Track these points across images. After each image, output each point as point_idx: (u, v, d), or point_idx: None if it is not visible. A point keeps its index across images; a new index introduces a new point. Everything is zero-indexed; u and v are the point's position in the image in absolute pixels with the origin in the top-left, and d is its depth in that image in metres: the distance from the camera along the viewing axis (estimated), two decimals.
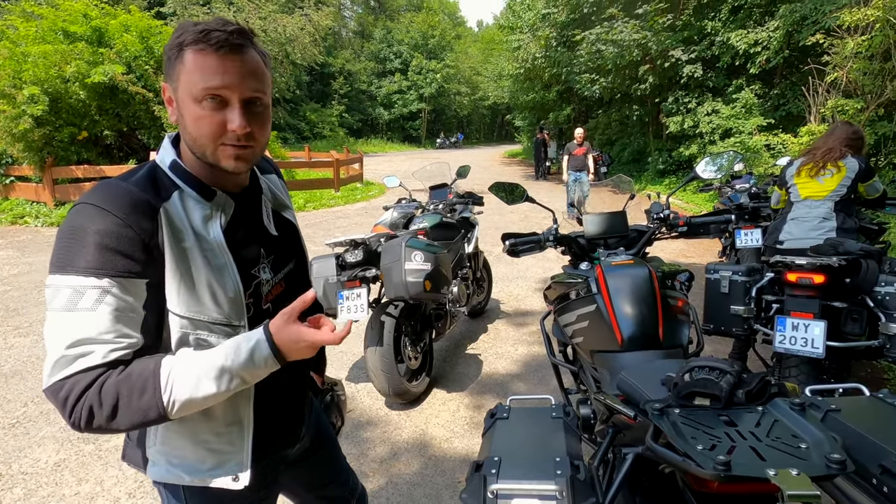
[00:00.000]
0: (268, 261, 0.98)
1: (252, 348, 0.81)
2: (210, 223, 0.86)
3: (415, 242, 2.66)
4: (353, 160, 13.59)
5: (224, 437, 0.91)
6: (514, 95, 21.22)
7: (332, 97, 33.56)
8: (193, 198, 0.86)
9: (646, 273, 1.69)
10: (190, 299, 0.82)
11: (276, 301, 0.99)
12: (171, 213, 0.82)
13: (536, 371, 3.29)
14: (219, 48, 0.79)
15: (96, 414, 0.74)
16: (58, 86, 8.45)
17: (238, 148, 0.83)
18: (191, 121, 0.81)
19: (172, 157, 0.88)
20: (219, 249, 0.86)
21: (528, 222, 8.35)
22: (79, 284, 0.74)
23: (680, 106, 11.59)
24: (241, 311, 0.88)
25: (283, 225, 1.05)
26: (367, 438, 2.57)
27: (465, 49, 42.11)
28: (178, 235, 0.82)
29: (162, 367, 0.77)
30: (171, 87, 0.84)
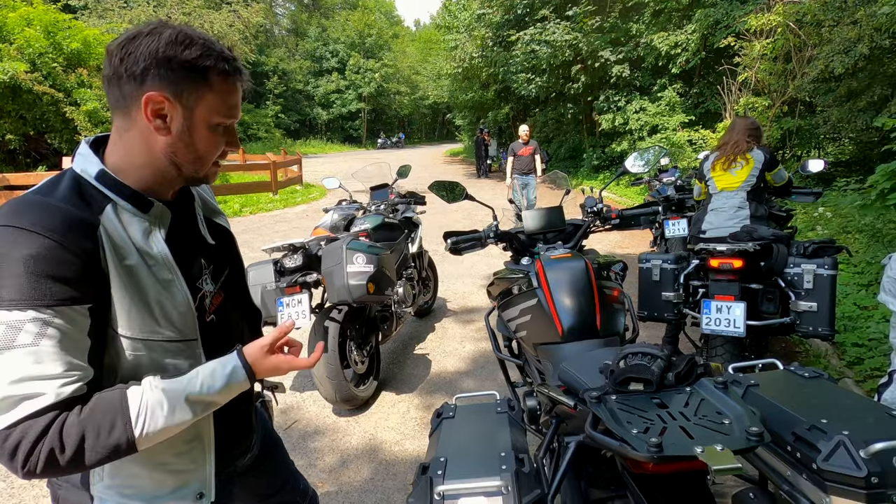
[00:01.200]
0: (209, 271, 0.93)
1: (228, 375, 0.81)
2: (151, 237, 0.81)
3: (356, 244, 2.61)
4: (290, 162, 13.17)
5: (185, 456, 0.86)
6: (453, 95, 21.40)
7: (267, 97, 32.32)
8: (129, 211, 0.79)
9: (582, 265, 1.74)
10: (142, 320, 0.77)
11: (219, 311, 0.95)
12: (110, 230, 0.75)
13: (484, 367, 3.33)
14: (236, 75, 0.82)
15: (58, 458, 0.67)
16: None
17: (218, 164, 0.88)
18: (203, 145, 0.82)
19: (99, 167, 0.79)
20: (165, 264, 0.82)
21: (472, 220, 8.45)
22: (13, 319, 0.66)
23: (611, 104, 12.16)
24: (193, 326, 0.85)
25: (216, 232, 1.01)
26: (314, 448, 2.49)
27: (403, 48, 41.95)
28: (120, 253, 0.76)
29: (130, 400, 0.73)
30: (176, 102, 0.78)
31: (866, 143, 7.89)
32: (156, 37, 0.76)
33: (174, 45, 0.76)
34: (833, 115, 7.44)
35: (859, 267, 4.45)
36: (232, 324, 0.99)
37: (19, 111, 8.33)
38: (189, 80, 0.77)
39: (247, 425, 1.04)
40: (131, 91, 0.77)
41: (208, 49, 0.78)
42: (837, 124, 7.53)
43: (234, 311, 1.01)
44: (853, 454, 0.73)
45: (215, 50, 0.79)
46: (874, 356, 3.07)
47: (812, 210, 6.15)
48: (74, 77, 8.76)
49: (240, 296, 1.07)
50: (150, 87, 0.76)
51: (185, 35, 0.77)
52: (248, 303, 1.11)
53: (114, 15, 19.64)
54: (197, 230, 0.95)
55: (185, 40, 0.77)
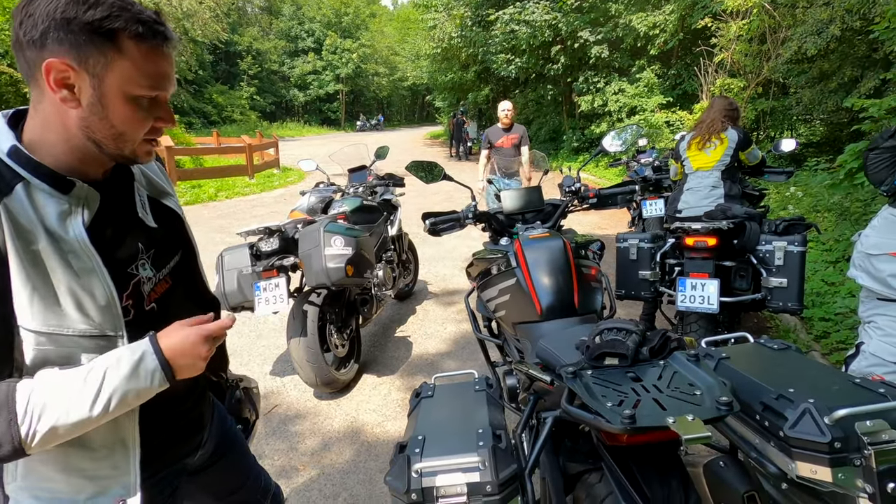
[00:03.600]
0: (147, 256, 0.86)
1: (136, 361, 0.72)
2: (69, 220, 0.73)
3: (334, 227, 2.57)
4: (267, 145, 12.87)
5: (105, 461, 0.79)
6: (432, 76, 21.11)
7: (241, 78, 31.45)
8: (44, 191, 0.72)
9: (560, 244, 1.75)
10: (47, 311, 0.70)
11: (162, 299, 0.89)
12: (15, 211, 0.68)
13: (464, 347, 3.35)
14: (158, 39, 0.72)
15: None
16: None
17: (154, 141, 0.80)
18: (121, 120, 0.73)
19: (11, 143, 0.72)
20: (82, 250, 0.73)
21: (452, 202, 8.42)
22: None
23: (590, 85, 12.17)
24: (115, 320, 0.77)
25: (164, 214, 0.94)
26: (296, 432, 2.48)
27: (381, 28, 41.05)
28: (25, 237, 0.69)
29: (18, 393, 0.66)
30: (82, 70, 0.69)
31: (836, 123, 8.08)
32: None
33: (76, 4, 0.67)
34: (805, 95, 7.59)
35: (828, 245, 4.60)
36: (179, 313, 0.88)
37: None
38: (94, 45, 0.68)
39: (197, 422, 0.99)
40: (33, 58, 0.69)
41: (118, 9, 0.69)
42: (809, 105, 7.68)
43: (183, 299, 0.96)
44: (818, 421, 0.75)
45: (128, 11, 0.69)
46: (840, 330, 3.19)
47: (784, 189, 6.30)
48: None
49: (192, 283, 1.01)
50: (49, 52, 0.68)
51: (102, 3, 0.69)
52: (203, 291, 1.04)
53: None
54: (135, 212, 0.87)
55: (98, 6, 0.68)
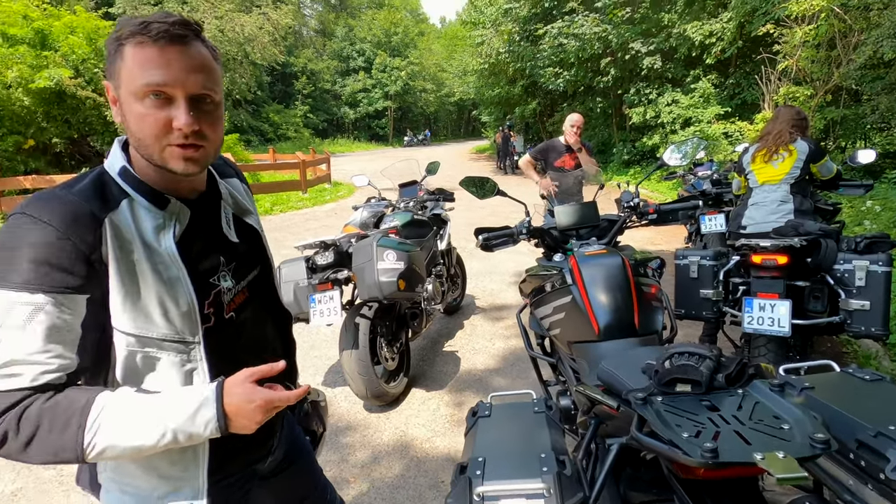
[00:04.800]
0: (228, 269, 0.93)
1: (198, 406, 0.75)
2: (162, 233, 0.81)
3: (386, 241, 2.61)
4: (319, 161, 13.35)
5: (177, 464, 0.84)
6: (479, 91, 21.29)
7: (296, 97, 32.88)
8: (144, 206, 0.80)
9: (619, 262, 1.69)
10: (137, 315, 0.76)
11: (240, 309, 0.94)
12: (118, 224, 0.76)
13: (514, 364, 3.29)
14: (158, 39, 0.73)
15: (9, 440, 0.68)
16: None
17: (187, 148, 0.77)
18: (133, 120, 0.75)
19: (122, 163, 0.81)
20: (171, 261, 0.80)
21: (498, 217, 8.38)
22: (8, 300, 0.68)
23: (641, 97, 11.86)
24: (194, 326, 0.82)
25: (245, 231, 1.01)
26: (346, 444, 2.51)
27: (429, 46, 41.95)
28: (125, 248, 0.76)
29: (94, 404, 0.71)
30: (113, 86, 0.78)
31: None
32: None
33: (112, 33, 0.78)
34: (882, 103, 7.05)
35: None
36: (254, 323, 0.98)
37: (64, 115, 8.72)
38: (111, 59, 0.77)
39: (267, 428, 0.99)
40: None
41: (129, 20, 0.75)
42: (886, 113, 7.13)
43: (259, 310, 1.00)
44: None
45: (137, 21, 0.75)
46: None
47: (860, 204, 5.85)
48: None
49: (267, 296, 1.06)
50: (105, 77, 0.80)
51: (121, 20, 0.78)
52: (277, 304, 1.10)
53: None
54: (220, 228, 0.93)
55: (118, 24, 0.78)
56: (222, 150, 0.89)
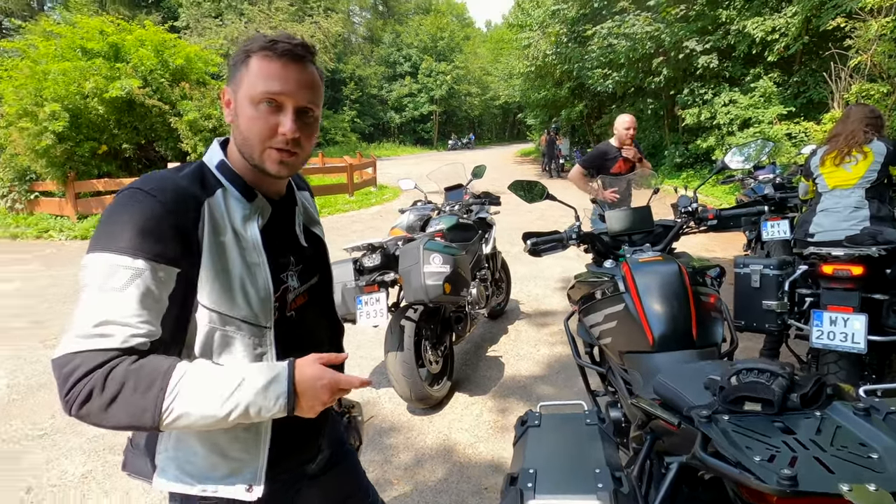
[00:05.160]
0: (296, 269, 0.99)
1: (270, 379, 0.78)
2: (248, 223, 0.88)
3: (433, 245, 2.62)
4: (366, 164, 13.63)
5: (240, 443, 0.87)
6: (525, 94, 21.10)
7: (344, 103, 33.74)
8: (235, 197, 0.88)
9: (675, 269, 1.62)
10: (222, 294, 0.82)
11: (299, 311, 0.99)
12: (214, 208, 0.83)
13: (560, 372, 3.22)
14: (282, 56, 0.83)
15: (94, 398, 0.70)
16: (77, 102, 8.63)
17: (284, 153, 0.86)
18: (245, 120, 0.84)
19: (220, 157, 0.91)
20: (254, 248, 0.87)
21: (546, 221, 8.26)
22: (112, 262, 0.73)
23: (696, 97, 11.36)
24: (268, 312, 0.88)
25: (311, 239, 1.07)
26: (390, 445, 2.53)
27: (475, 49, 42.00)
28: (217, 230, 0.83)
29: (175, 369, 0.74)
30: (231, 90, 0.88)
31: None
32: None
33: (241, 47, 0.87)
34: None
35: None
36: (311, 327, 1.02)
37: (133, 122, 9.33)
38: (236, 67, 0.86)
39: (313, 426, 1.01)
40: None
41: (260, 37, 0.85)
42: None
43: (316, 316, 1.05)
44: None
45: (267, 37, 0.85)
46: None
47: None
48: (178, 90, 9.66)
49: (324, 305, 1.11)
50: (226, 82, 0.91)
51: (256, 38, 0.86)
52: (332, 314, 1.15)
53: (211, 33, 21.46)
54: (293, 230, 1.00)
55: (249, 40, 0.86)
56: None
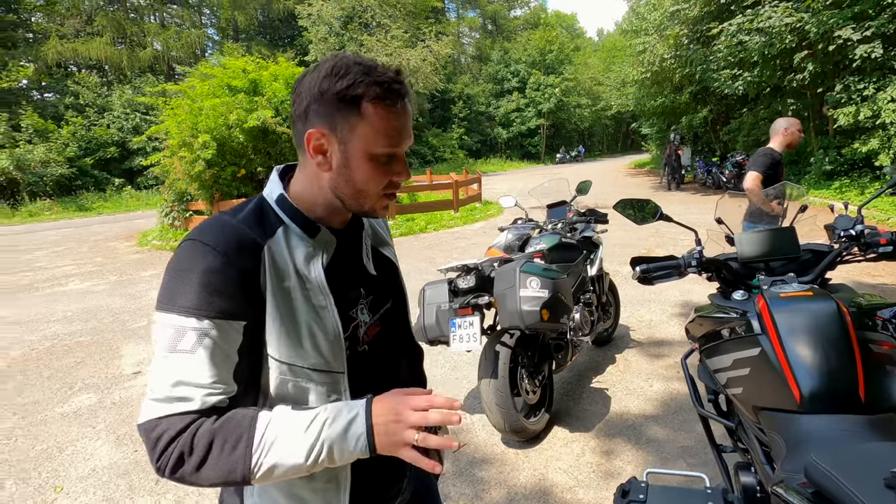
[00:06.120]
0: (366, 301, 0.92)
1: (350, 420, 0.73)
2: (312, 262, 0.82)
3: (530, 267, 2.46)
4: (471, 181, 13.77)
5: (319, 495, 0.84)
6: (639, 102, 19.86)
7: (452, 121, 34.75)
8: (297, 234, 0.82)
9: (833, 308, 1.29)
10: (290, 344, 0.78)
11: (373, 342, 0.92)
12: (275, 252, 0.78)
13: (677, 413, 2.83)
14: (395, 101, 0.76)
15: (185, 461, 0.70)
16: (223, 132, 9.90)
17: (394, 196, 0.84)
18: (362, 178, 0.79)
19: (280, 192, 0.84)
20: (320, 290, 0.81)
21: (662, 238, 7.57)
22: (179, 324, 0.72)
23: (852, 94, 9.72)
24: (340, 356, 0.82)
25: (382, 262, 1.00)
26: (481, 478, 2.39)
27: (585, 60, 40.79)
28: (280, 275, 0.78)
29: (259, 421, 0.72)
30: (332, 136, 0.77)
31: None
32: (316, 73, 0.77)
33: (329, 77, 0.75)
34: None
35: None
36: (387, 356, 0.95)
37: (266, 148, 10.47)
38: (341, 112, 0.75)
39: (396, 471, 0.98)
40: (300, 130, 0.79)
41: (361, 75, 0.74)
42: None
43: (391, 343, 0.98)
44: None
45: (370, 76, 0.75)
46: None
47: None
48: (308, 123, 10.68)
49: (399, 330, 1.03)
50: (311, 124, 0.77)
51: (341, 65, 0.76)
52: (408, 337, 1.07)
53: None
54: (360, 260, 0.94)
55: (340, 71, 0.75)
56: None
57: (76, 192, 20.18)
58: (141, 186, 21.32)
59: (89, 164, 21.36)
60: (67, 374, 3.94)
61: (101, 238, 11.43)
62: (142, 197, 20.00)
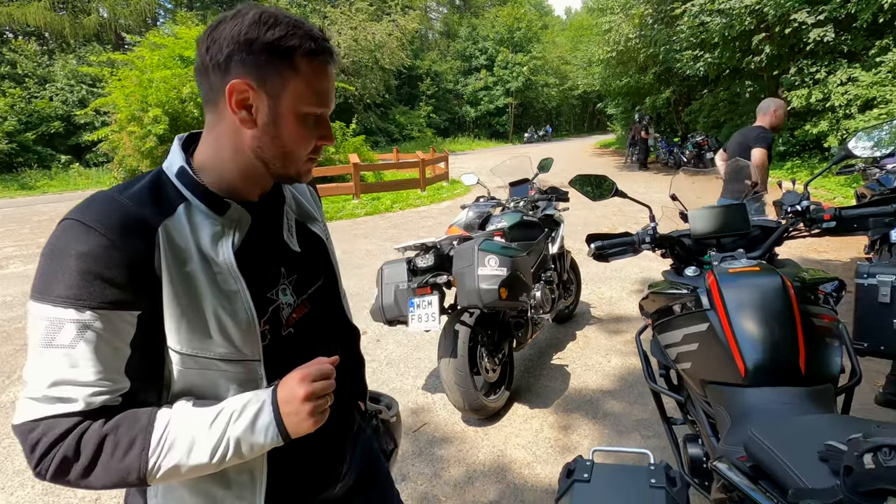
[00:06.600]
0: (289, 281, 0.84)
1: (257, 411, 0.69)
2: (220, 242, 0.74)
3: (489, 245, 2.43)
4: (438, 159, 13.65)
5: (231, 490, 0.78)
6: (605, 82, 20.03)
7: (420, 98, 34.15)
8: (202, 212, 0.73)
9: (777, 283, 1.31)
10: (193, 333, 0.70)
11: (300, 324, 0.85)
12: (173, 232, 0.70)
13: (632, 386, 2.90)
14: (327, 58, 0.73)
15: (71, 466, 0.64)
16: (176, 106, 9.41)
17: (316, 161, 0.80)
18: (291, 137, 0.73)
19: (181, 164, 0.75)
20: (229, 273, 0.73)
21: (624, 216, 7.71)
22: (55, 316, 0.63)
23: (805, 77, 10.07)
24: (255, 343, 0.75)
25: (308, 239, 0.92)
26: (441, 457, 2.39)
27: (553, 39, 40.68)
28: (179, 258, 0.69)
29: (156, 423, 0.66)
30: (261, 90, 0.70)
31: None
32: (239, 20, 0.69)
33: (257, 25, 0.68)
34: None
35: None
36: (316, 339, 0.89)
37: None
38: (273, 65, 0.69)
39: (331, 456, 0.93)
40: (217, 81, 0.71)
41: (293, 28, 0.69)
42: None
43: (322, 324, 0.91)
44: None
45: (301, 29, 0.70)
46: None
47: None
48: None
49: (331, 310, 0.97)
50: (234, 74, 0.69)
51: (269, 15, 0.69)
52: (342, 318, 1.01)
53: None
54: (280, 236, 0.86)
55: (269, 20, 0.69)
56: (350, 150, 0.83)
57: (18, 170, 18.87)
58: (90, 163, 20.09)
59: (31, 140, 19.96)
60: (5, 362, 3.71)
61: (45, 218, 10.76)
62: (91, 175, 18.87)
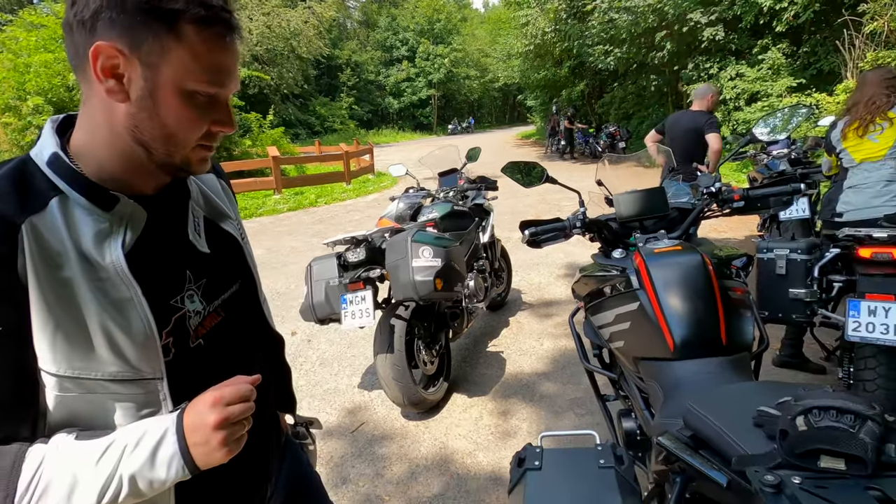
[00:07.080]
0: (197, 286, 0.72)
1: (158, 442, 0.58)
2: (107, 242, 0.61)
3: (422, 237, 2.39)
4: (362, 151, 13.34)
5: None
6: (524, 74, 20.63)
7: (341, 90, 33.21)
8: (82, 207, 0.61)
9: (698, 261, 1.38)
10: (73, 351, 0.58)
11: (211, 335, 0.74)
12: (43, 231, 0.58)
13: (564, 367, 3.00)
14: (226, 36, 0.61)
15: None
16: (62, 94, 8.37)
17: (212, 149, 0.68)
18: (173, 117, 0.61)
19: (52, 150, 0.62)
20: (118, 278, 0.61)
21: (548, 205, 7.99)
22: None
23: (701, 72, 10.99)
24: (154, 359, 0.64)
25: (220, 239, 0.80)
26: (382, 455, 2.33)
27: (472, 31, 41.20)
28: (52, 261, 0.57)
29: (25, 464, 0.55)
30: (133, 56, 0.57)
31: None
32: None
33: None
34: None
35: None
36: (232, 349, 0.78)
37: None
38: (149, 28, 0.57)
39: (261, 471, 0.84)
40: (82, 42, 0.58)
41: None
42: None
43: (238, 334, 0.80)
44: None
45: None
46: None
47: None
48: None
49: (248, 318, 0.86)
50: (100, 35, 0.56)
51: None
52: (262, 325, 0.90)
53: None
54: (185, 235, 0.74)
55: None
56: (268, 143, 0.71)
57: None
58: None
59: None
60: None
61: None
62: None
